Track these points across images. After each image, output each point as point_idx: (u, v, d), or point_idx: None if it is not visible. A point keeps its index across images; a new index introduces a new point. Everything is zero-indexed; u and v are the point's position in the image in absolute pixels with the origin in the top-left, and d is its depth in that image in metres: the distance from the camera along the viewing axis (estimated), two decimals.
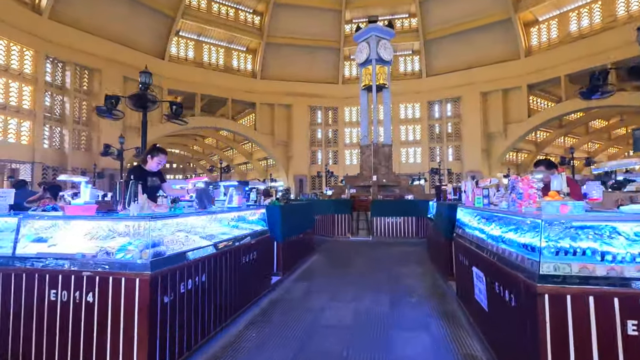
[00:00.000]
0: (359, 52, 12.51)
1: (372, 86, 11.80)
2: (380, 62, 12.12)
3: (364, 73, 12.38)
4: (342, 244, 8.53)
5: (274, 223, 4.69)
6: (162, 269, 2.24)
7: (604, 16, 23.00)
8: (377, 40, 11.96)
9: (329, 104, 31.64)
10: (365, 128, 12.26)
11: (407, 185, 11.94)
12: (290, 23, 28.92)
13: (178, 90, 27.10)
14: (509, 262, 2.10)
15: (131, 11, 23.54)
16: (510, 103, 27.15)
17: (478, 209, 3.24)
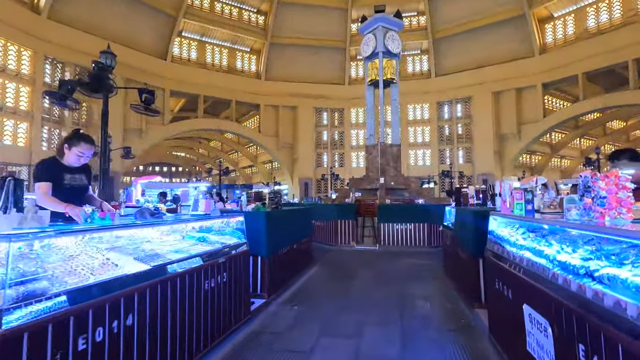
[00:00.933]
0: (364, 44, 11.65)
1: (379, 81, 10.90)
2: (388, 55, 11.22)
3: (370, 67, 11.49)
4: (345, 254, 7.62)
5: (257, 234, 3.81)
6: (33, 321, 1.38)
7: (624, 10, 21.82)
8: (384, 32, 11.07)
9: (335, 105, 30.82)
10: (371, 127, 11.36)
11: (417, 188, 10.99)
12: (295, 22, 28.24)
13: (180, 92, 26.58)
14: (614, 317, 1.19)
15: (132, 11, 23.07)
16: (524, 103, 26.00)
17: (529, 220, 2.33)
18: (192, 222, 2.86)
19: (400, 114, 17.22)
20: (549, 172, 32.76)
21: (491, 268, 2.80)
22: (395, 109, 11.57)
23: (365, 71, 11.86)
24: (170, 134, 26.80)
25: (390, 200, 9.71)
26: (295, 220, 5.40)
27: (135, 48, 23.65)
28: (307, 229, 6.19)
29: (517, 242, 2.36)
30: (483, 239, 3.11)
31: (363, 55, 11.86)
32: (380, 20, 11.15)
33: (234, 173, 47.14)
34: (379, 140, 10.79)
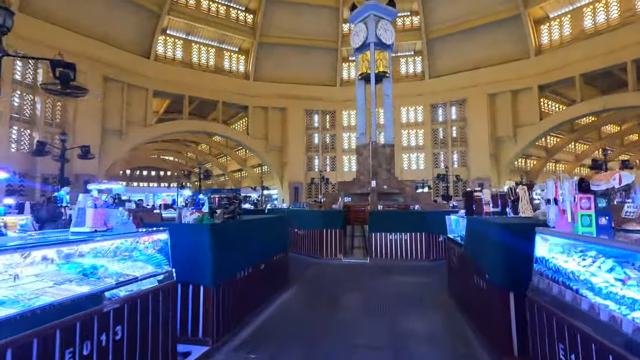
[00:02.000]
0: (354, 35, 10.65)
1: (371, 75, 9.91)
2: (380, 47, 10.23)
3: (361, 60, 10.47)
4: (330, 270, 6.54)
5: (197, 256, 2.72)
6: None
7: (622, 11, 21.27)
8: (375, 21, 10.09)
9: (327, 107, 29.85)
10: (362, 125, 10.35)
11: (412, 193, 9.97)
12: (285, 21, 27.28)
13: (165, 92, 25.36)
14: None
15: (112, 6, 21.88)
16: (520, 105, 25.28)
17: (617, 246, 1.27)
18: (52, 247, 1.75)
19: (394, 116, 16.22)
20: (544, 176, 32.13)
21: (540, 315, 1.73)
22: (388, 105, 10.57)
23: (356, 64, 10.86)
24: (153, 136, 25.52)
25: (382, 206, 8.67)
26: (262, 232, 4.30)
27: (116, 45, 22.44)
28: (280, 243, 5.08)
29: (610, 290, 1.30)
30: (520, 267, 2.05)
31: (353, 46, 10.86)
32: (371, 8, 10.14)
33: (223, 177, 45.86)
34: (371, 140, 9.76)
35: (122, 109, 22.78)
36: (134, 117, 23.59)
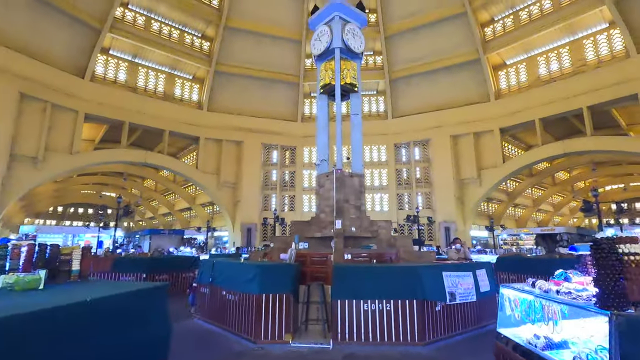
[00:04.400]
0: (315, 39, 8.77)
1: (336, 86, 7.93)
2: (347, 55, 8.43)
3: (323, 69, 8.50)
4: None
5: None
6: None
7: (574, 60, 22.07)
8: (342, 24, 8.37)
9: (286, 143, 27.89)
10: (324, 149, 8.19)
11: (389, 238, 7.69)
12: (245, 51, 25.79)
13: (100, 117, 22.05)
14: None
15: (42, 16, 19.08)
16: (483, 147, 24.90)
17: None
18: None
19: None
20: (506, 221, 31.80)
21: None
22: (357, 125, 8.57)
23: (317, 75, 8.93)
24: (81, 165, 21.78)
25: (351, 255, 6.27)
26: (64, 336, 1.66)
27: (41, 59, 19.33)
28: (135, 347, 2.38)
29: None
30: None
31: (314, 53, 8.96)
32: (337, 8, 8.41)
33: (170, 217, 41.32)
34: (335, 168, 7.58)
35: (42, 132, 19.18)
36: (57, 142, 19.98)
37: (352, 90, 8.47)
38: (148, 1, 22.79)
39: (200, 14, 24.44)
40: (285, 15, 25.56)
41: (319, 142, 8.60)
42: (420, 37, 25.32)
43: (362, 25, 9.03)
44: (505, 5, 23.04)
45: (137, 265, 8.64)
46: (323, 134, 8.50)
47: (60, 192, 39.09)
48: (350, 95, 8.68)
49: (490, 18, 23.96)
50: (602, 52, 20.97)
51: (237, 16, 24.91)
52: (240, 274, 5.17)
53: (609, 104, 20.17)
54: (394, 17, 25.47)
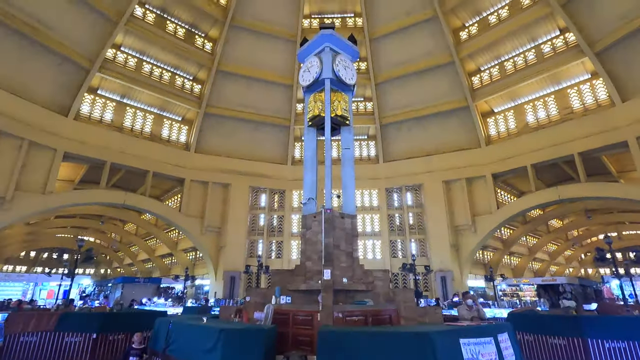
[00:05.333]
0: (304, 70, 8.23)
1: (325, 117, 7.22)
2: (338, 87, 7.84)
3: (312, 100, 7.85)
4: None
5: None
6: None
7: (560, 108, 22.43)
8: (333, 55, 7.92)
9: (275, 186, 27.03)
10: (311, 186, 7.32)
11: (387, 291, 6.51)
12: (236, 94, 25.81)
13: (81, 156, 21.05)
14: None
15: (28, 53, 18.80)
16: (476, 193, 24.38)
17: None
18: None
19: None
20: (502, 270, 30.50)
21: None
22: (349, 161, 7.75)
23: (305, 107, 8.26)
24: (54, 206, 20.34)
25: (342, 314, 5.11)
26: None
27: (25, 97, 18.77)
28: None
29: None
30: None
31: (302, 84, 8.39)
32: (327, 39, 8.00)
33: (149, 263, 38.84)
34: (324, 208, 6.62)
35: (14, 170, 18.03)
36: (30, 182, 18.78)
37: (343, 124, 7.80)
38: (141, 44, 22.95)
39: (193, 58, 24.67)
40: (277, 61, 26.02)
41: (306, 178, 7.72)
42: (409, 84, 25.83)
43: (354, 59, 8.63)
44: (491, 56, 23.84)
45: (88, 323, 7.22)
46: (311, 170, 7.66)
47: (33, 236, 36.78)
48: (341, 129, 7.99)
49: (477, 68, 24.68)
50: (587, 101, 21.37)
51: (229, 61, 25.23)
52: (199, 340, 3.97)
53: (599, 150, 20.12)
54: (384, 66, 26.12)
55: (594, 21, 19.17)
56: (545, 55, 21.94)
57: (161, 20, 23.39)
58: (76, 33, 20.10)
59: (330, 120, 7.36)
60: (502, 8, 22.61)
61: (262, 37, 25.28)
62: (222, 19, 24.33)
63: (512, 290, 23.95)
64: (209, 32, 25.29)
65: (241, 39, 25.19)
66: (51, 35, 19.25)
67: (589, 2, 18.85)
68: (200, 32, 25.15)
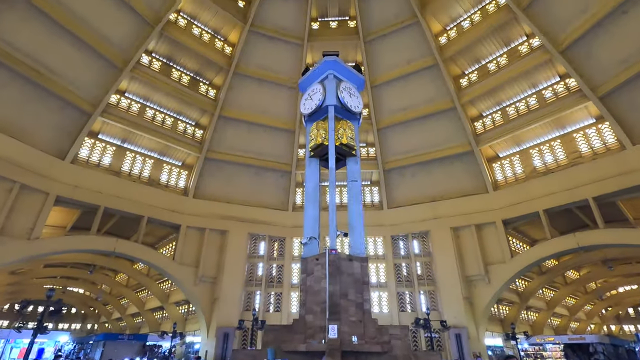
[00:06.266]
0: (306, 98, 7.60)
1: (329, 145, 6.41)
2: (343, 115, 7.14)
3: (314, 129, 7.08)
4: None
5: None
6: None
7: (568, 153, 21.92)
8: (337, 82, 7.34)
9: (275, 233, 25.80)
10: (313, 223, 6.31)
11: (407, 354, 5.18)
12: (237, 139, 25.67)
13: (74, 200, 20.23)
14: None
15: (31, 97, 18.84)
16: (487, 241, 23.03)
17: None
18: None
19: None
20: (520, 327, 28.00)
21: None
22: (356, 195, 6.81)
23: (307, 136, 7.52)
24: (39, 253, 19.08)
25: None
26: None
27: (23, 140, 18.47)
28: None
29: None
30: None
31: (304, 112, 7.71)
32: (332, 66, 7.45)
33: (139, 317, 36.19)
34: (329, 249, 5.58)
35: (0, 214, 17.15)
36: (16, 226, 17.80)
37: (348, 154, 7.04)
38: (145, 90, 23.24)
39: (196, 104, 24.88)
40: (279, 107, 26.23)
41: (307, 214, 6.75)
42: (412, 129, 25.72)
43: (360, 88, 8.10)
44: (492, 102, 23.92)
45: None
46: (312, 204, 6.71)
47: (17, 286, 34.76)
48: (347, 160, 7.21)
49: (479, 113, 24.66)
50: (595, 145, 20.89)
51: (231, 106, 25.44)
52: None
53: (614, 195, 19.17)
54: (386, 111, 26.24)
55: (594, 66, 19.31)
56: (548, 100, 21.92)
57: (167, 67, 23.96)
58: (81, 79, 20.36)
59: (335, 149, 6.62)
60: (501, 56, 23.10)
61: (264, 84, 25.75)
62: (227, 66, 24.94)
63: (535, 350, 21.61)
64: (213, 79, 25.81)
65: (244, 86, 25.63)
66: (56, 80, 19.48)
67: (588, 48, 19.13)
68: (205, 79, 25.67)
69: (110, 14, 20.24)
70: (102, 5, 19.83)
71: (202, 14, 24.11)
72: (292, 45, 25.75)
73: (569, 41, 19.45)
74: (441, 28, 24.54)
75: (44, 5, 18.24)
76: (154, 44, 23.02)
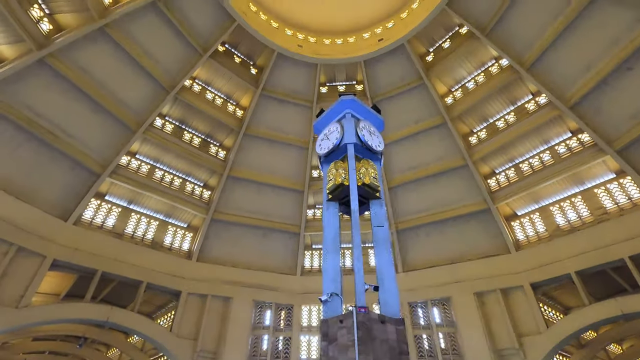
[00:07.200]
0: (322, 139, 6.90)
1: (350, 184, 5.59)
2: (363, 154, 6.46)
3: (333, 168, 6.22)
4: None
5: None
6: None
7: (591, 209, 20.77)
8: (355, 121, 6.80)
9: (282, 300, 23.85)
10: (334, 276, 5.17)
11: None
12: (245, 199, 25.18)
13: (71, 264, 19.17)
14: None
15: (42, 159, 18.95)
16: (516, 308, 20.83)
17: None
18: None
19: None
20: None
21: None
22: (384, 242, 5.77)
23: (324, 179, 6.71)
24: (22, 323, 17.44)
25: None
26: None
27: (26, 200, 18.12)
28: None
29: None
30: None
31: (319, 153, 7.00)
32: (349, 105, 6.95)
33: None
34: (356, 307, 4.46)
35: None
36: (3, 294, 16.59)
37: (372, 196, 6.21)
38: (156, 151, 23.46)
39: (206, 165, 24.91)
40: (288, 167, 26.16)
41: (327, 266, 5.65)
42: (424, 188, 25.11)
43: (379, 128, 7.61)
44: (504, 158, 23.56)
45: None
46: (332, 255, 5.66)
47: None
48: (371, 203, 6.36)
49: (492, 170, 24.16)
50: (620, 201, 19.83)
51: (241, 167, 25.41)
52: None
53: None
54: (396, 170, 25.92)
55: (607, 121, 19.17)
56: (562, 155, 21.46)
57: (179, 130, 24.49)
58: (94, 140, 20.68)
59: (357, 190, 5.87)
60: (508, 114, 23.30)
61: (274, 144, 26.02)
62: (238, 128, 25.46)
63: None
64: (223, 141, 26.21)
65: (254, 147, 25.89)
66: (70, 142, 19.76)
67: (597, 104, 19.17)
68: (216, 141, 26.07)
69: (128, 79, 21.28)
70: (121, 71, 20.93)
71: (216, 80, 25.36)
72: (302, 107, 26.56)
73: (577, 97, 19.60)
74: (446, 89, 25.29)
75: (69, 74, 19.23)
76: (168, 108, 23.85)
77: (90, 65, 19.94)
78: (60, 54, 18.66)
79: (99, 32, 19.55)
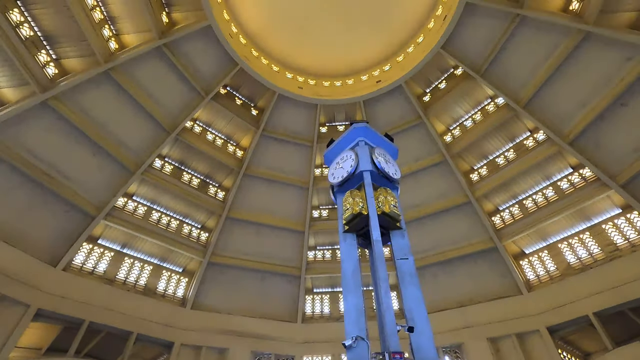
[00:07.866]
0: (335, 168, 6.41)
1: (369, 215, 5.07)
2: (380, 182, 6.00)
3: (348, 197, 5.62)
4: None
5: None
6: None
7: (602, 246, 20.18)
8: (369, 149, 6.44)
9: (282, 351, 22.19)
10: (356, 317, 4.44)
11: None
12: (243, 241, 24.34)
13: (56, 314, 17.84)
14: None
15: (38, 200, 18.35)
16: (535, 354, 19.44)
17: None
18: None
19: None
20: None
21: None
22: (411, 276, 5.17)
23: (339, 209, 6.14)
24: None
25: None
26: None
27: (16, 245, 17.26)
28: None
29: None
30: None
31: (332, 182, 6.47)
32: (362, 133, 6.62)
33: None
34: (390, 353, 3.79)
35: None
36: None
37: (393, 226, 5.71)
38: (154, 193, 22.98)
39: (204, 206, 24.34)
40: (288, 207, 25.66)
41: (348, 306, 4.94)
42: (427, 227, 24.53)
43: (394, 157, 7.27)
44: (507, 195, 23.31)
45: None
46: (354, 293, 4.97)
47: None
48: (392, 234, 5.87)
49: (495, 207, 23.79)
50: (630, 236, 19.33)
51: (240, 208, 24.88)
52: None
53: None
54: None
55: (607, 156, 19.23)
56: (566, 191, 21.27)
57: (178, 170, 24.22)
58: (91, 182, 20.26)
59: (379, 218, 5.40)
60: (508, 151, 23.42)
61: (274, 184, 25.72)
62: (237, 168, 25.27)
63: None
64: (222, 181, 25.89)
65: (254, 187, 25.55)
66: (67, 184, 19.32)
67: (595, 139, 19.35)
68: (215, 181, 25.74)
69: (129, 121, 21.34)
70: (123, 113, 21.03)
71: (217, 121, 25.58)
72: (302, 147, 26.64)
73: (575, 133, 19.82)
74: (445, 128, 25.64)
75: (71, 116, 19.22)
76: (168, 149, 23.75)
77: (92, 107, 20.07)
78: (64, 96, 18.81)
79: (104, 76, 19.90)
